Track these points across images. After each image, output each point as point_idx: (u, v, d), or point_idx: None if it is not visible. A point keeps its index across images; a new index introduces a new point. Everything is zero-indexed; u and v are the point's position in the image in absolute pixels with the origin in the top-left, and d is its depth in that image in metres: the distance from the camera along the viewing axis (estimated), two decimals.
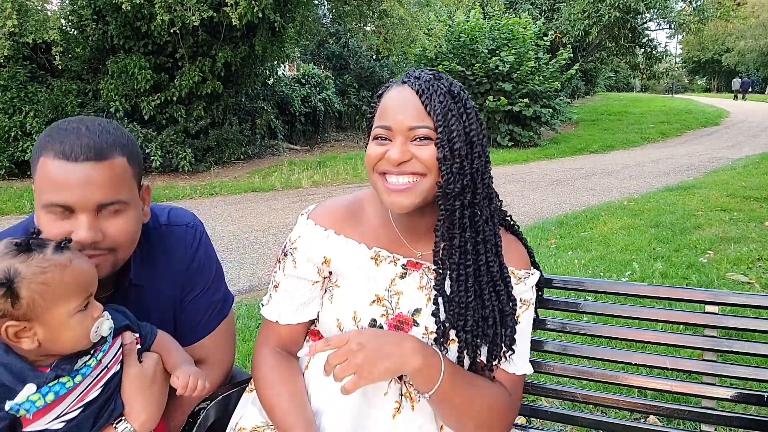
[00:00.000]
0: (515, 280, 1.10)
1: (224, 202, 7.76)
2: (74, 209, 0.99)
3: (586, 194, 7.81)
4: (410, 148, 0.99)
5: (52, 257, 0.93)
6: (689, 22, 19.85)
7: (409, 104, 1.00)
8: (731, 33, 42.00)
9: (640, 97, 30.57)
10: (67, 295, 0.93)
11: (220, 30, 9.51)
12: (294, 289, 1.13)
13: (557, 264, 4.42)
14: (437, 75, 1.04)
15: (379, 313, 1.07)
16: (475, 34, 13.24)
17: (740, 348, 1.32)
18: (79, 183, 0.98)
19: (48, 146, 1.00)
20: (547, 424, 1.75)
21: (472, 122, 1.01)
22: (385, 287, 1.08)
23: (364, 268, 1.09)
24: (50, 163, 0.98)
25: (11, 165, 9.19)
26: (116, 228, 1.03)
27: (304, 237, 1.12)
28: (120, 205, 1.03)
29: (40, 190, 1.00)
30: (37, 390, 0.94)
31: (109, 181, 1.00)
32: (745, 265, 4.18)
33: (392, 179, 1.00)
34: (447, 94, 1.00)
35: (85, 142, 0.99)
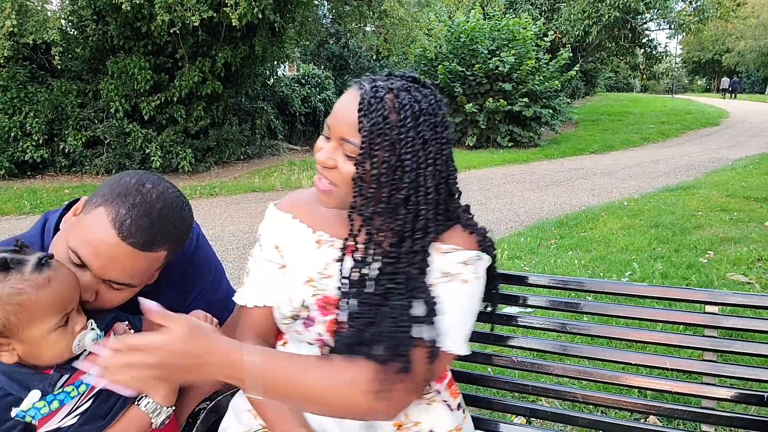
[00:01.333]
0: (439, 254, 1.01)
1: (224, 202, 7.77)
2: (89, 269, 0.99)
3: (586, 194, 7.81)
4: (338, 156, 0.97)
5: (29, 277, 0.91)
6: (689, 22, 19.84)
7: (349, 114, 0.95)
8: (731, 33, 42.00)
9: (640, 98, 30.57)
10: (43, 315, 0.92)
11: (220, 30, 9.51)
12: (261, 273, 1.15)
13: (557, 264, 4.42)
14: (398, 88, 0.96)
15: (310, 293, 1.07)
16: (475, 34, 13.24)
17: (740, 348, 1.32)
18: (110, 257, 0.97)
19: (115, 203, 0.97)
20: (547, 424, 1.75)
21: (410, 151, 0.94)
22: (319, 270, 1.08)
23: (305, 251, 1.11)
24: (103, 223, 0.96)
25: (11, 165, 9.19)
26: (112, 300, 1.04)
27: (267, 222, 1.17)
28: (127, 288, 1.03)
29: (78, 232, 0.99)
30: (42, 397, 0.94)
31: (136, 269, 1.01)
32: (745, 266, 4.19)
33: (318, 176, 1.02)
34: (392, 114, 0.93)
35: (146, 226, 0.97)
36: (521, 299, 1.45)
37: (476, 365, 1.87)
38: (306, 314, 1.07)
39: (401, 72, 1.03)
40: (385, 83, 0.97)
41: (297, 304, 1.07)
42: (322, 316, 1.06)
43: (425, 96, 0.98)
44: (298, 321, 1.08)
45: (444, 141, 0.98)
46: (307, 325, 1.08)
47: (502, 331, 1.44)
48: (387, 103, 0.94)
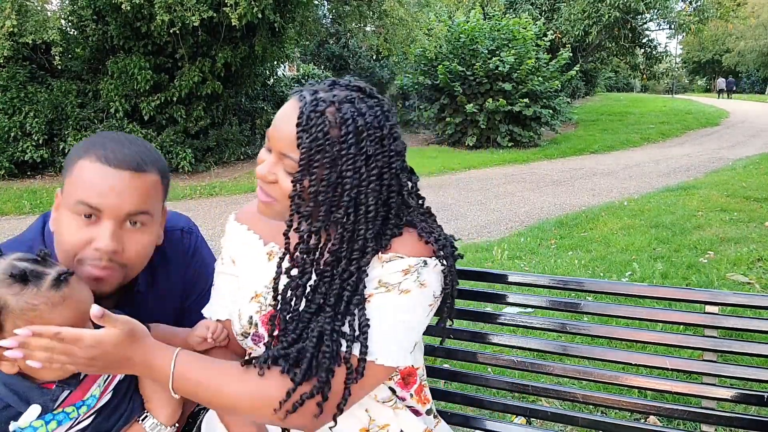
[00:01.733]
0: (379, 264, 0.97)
1: (224, 202, 7.76)
2: (102, 214, 1.00)
3: (586, 194, 7.81)
4: (278, 170, 0.94)
5: (45, 293, 0.89)
6: (689, 22, 19.83)
7: (288, 128, 0.91)
8: (731, 33, 41.99)
9: (640, 98, 30.57)
10: None
11: (219, 30, 9.51)
12: (223, 283, 1.14)
13: (557, 264, 4.42)
14: (345, 100, 0.92)
15: (255, 309, 1.06)
16: (475, 34, 13.24)
17: (740, 348, 1.32)
18: (115, 189, 1.00)
19: (90, 150, 1.02)
20: (547, 424, 1.75)
21: (351, 170, 0.89)
22: (265, 284, 1.06)
23: (258, 265, 1.09)
24: (89, 166, 1.00)
25: (11, 165, 9.19)
26: (136, 243, 1.04)
27: (226, 234, 1.17)
28: (145, 218, 1.05)
29: (72, 190, 1.01)
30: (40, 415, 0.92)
31: (142, 192, 1.03)
32: (745, 266, 4.19)
33: (258, 188, 0.99)
34: (333, 129, 0.89)
35: (127, 152, 1.03)
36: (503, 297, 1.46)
37: (476, 365, 1.87)
38: (254, 331, 1.05)
39: (347, 80, 0.98)
40: (327, 95, 0.92)
41: (245, 322, 1.06)
42: (267, 332, 1.02)
43: (370, 108, 0.92)
44: (248, 338, 1.07)
45: (392, 154, 0.93)
46: (256, 342, 1.06)
47: (502, 332, 1.44)
48: (328, 117, 0.89)
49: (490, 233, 5.71)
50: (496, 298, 1.47)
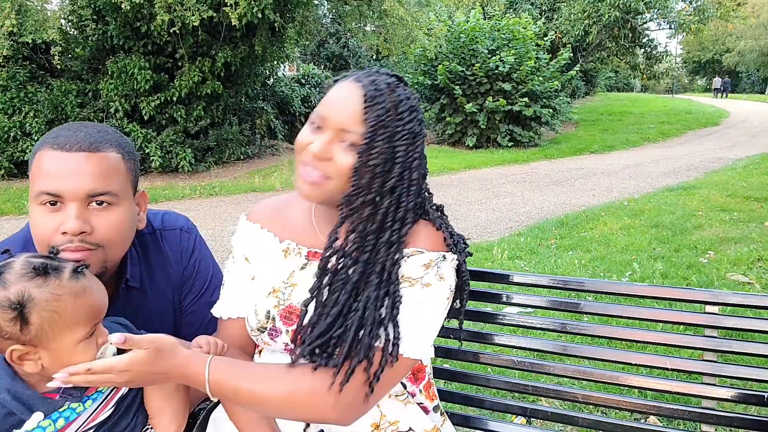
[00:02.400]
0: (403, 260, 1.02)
1: (224, 202, 7.76)
2: (64, 198, 1.00)
3: (586, 194, 7.81)
4: (334, 147, 0.98)
5: (67, 284, 0.91)
6: (689, 22, 19.83)
7: (351, 104, 0.98)
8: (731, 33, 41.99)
9: (640, 97, 30.57)
10: (76, 324, 0.92)
11: (219, 30, 9.51)
12: (235, 282, 1.16)
13: (557, 264, 4.42)
14: (394, 84, 1.01)
15: (273, 304, 1.08)
16: (475, 34, 13.23)
17: (740, 348, 1.32)
18: (71, 171, 1.00)
19: (45, 141, 1.04)
20: (547, 424, 1.75)
21: (404, 144, 0.98)
22: (283, 279, 1.09)
23: (273, 262, 1.11)
24: (45, 155, 1.01)
25: (11, 165, 9.19)
26: (105, 222, 1.03)
27: (238, 234, 1.19)
28: (110, 197, 1.03)
29: (34, 182, 1.02)
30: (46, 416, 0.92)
31: (101, 171, 1.02)
32: (745, 266, 4.19)
33: (305, 169, 1.01)
34: (392, 109, 0.98)
35: (81, 135, 1.03)
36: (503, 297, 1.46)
37: (476, 365, 1.87)
38: (271, 325, 1.07)
39: (385, 70, 1.06)
40: (379, 78, 1.01)
41: (262, 316, 1.08)
42: (285, 326, 1.06)
43: (411, 93, 1.03)
44: (265, 333, 1.08)
45: (424, 136, 1.05)
46: (273, 336, 1.08)
47: (503, 332, 1.44)
48: (387, 96, 0.98)
49: (490, 233, 5.71)
50: (497, 298, 1.46)
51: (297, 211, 1.16)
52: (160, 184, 9.09)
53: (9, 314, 0.87)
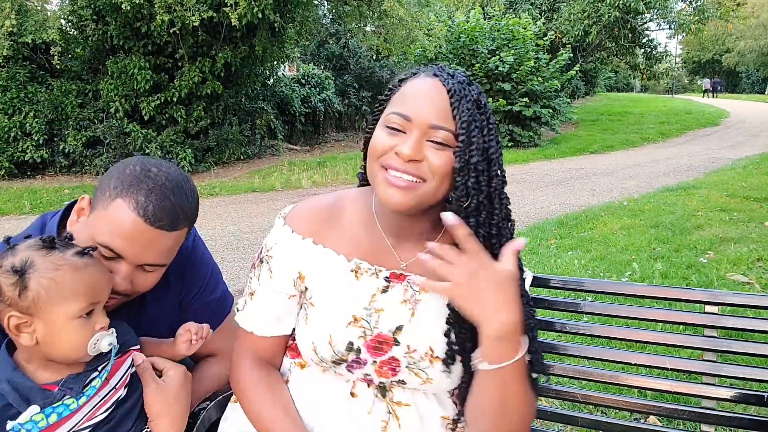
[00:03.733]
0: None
1: (224, 202, 7.76)
2: (122, 259, 1.03)
3: (586, 194, 7.81)
4: (425, 147, 0.91)
5: (69, 258, 0.95)
6: (689, 22, 19.84)
7: (437, 100, 0.91)
8: (731, 33, 42.00)
9: (640, 98, 30.57)
10: (71, 297, 0.94)
11: (220, 30, 9.51)
12: (270, 301, 1.06)
13: (557, 264, 4.42)
14: (469, 80, 0.97)
15: (357, 335, 1.00)
16: (475, 34, 13.24)
17: (740, 348, 1.32)
18: (142, 244, 1.02)
19: (131, 192, 1.00)
20: (547, 424, 1.75)
21: (492, 138, 0.94)
22: (364, 305, 1.00)
23: (342, 284, 1.01)
24: (128, 214, 1.00)
25: (11, 165, 9.19)
26: (145, 282, 1.08)
27: (280, 245, 1.04)
28: (160, 267, 1.08)
29: (104, 228, 1.01)
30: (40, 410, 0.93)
31: (166, 248, 1.06)
32: (745, 266, 4.18)
33: (395, 173, 0.91)
34: (475, 102, 0.93)
35: (167, 207, 1.02)
36: None
37: None
38: (354, 357, 1.00)
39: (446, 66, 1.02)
40: (453, 72, 0.97)
41: (341, 348, 1.00)
42: (374, 357, 1.00)
43: (480, 92, 0.99)
44: (342, 365, 1.01)
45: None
46: (353, 368, 1.01)
47: None
48: (470, 89, 0.94)
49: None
50: None
51: (353, 222, 1.04)
52: None
53: (11, 278, 0.91)
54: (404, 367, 1.01)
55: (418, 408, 1.04)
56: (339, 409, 1.03)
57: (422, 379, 1.01)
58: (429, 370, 1.00)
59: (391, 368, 1.01)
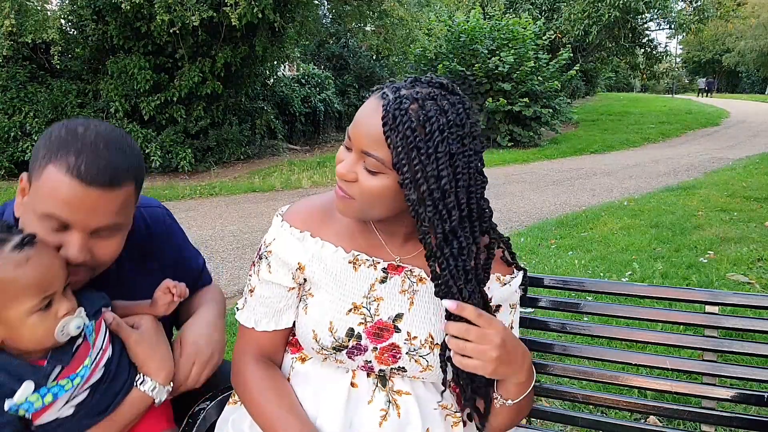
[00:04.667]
0: (498, 284, 1.08)
1: (224, 202, 7.76)
2: (71, 227, 0.97)
3: (586, 194, 7.81)
4: (358, 168, 0.93)
5: (8, 255, 0.89)
6: (689, 22, 19.84)
7: (372, 126, 0.89)
8: (731, 33, 42.02)
9: (640, 98, 30.55)
10: (20, 295, 0.90)
11: (220, 30, 9.51)
12: (269, 295, 1.08)
13: (557, 264, 4.42)
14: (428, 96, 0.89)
15: (357, 321, 1.02)
16: (475, 34, 13.23)
17: (740, 348, 1.32)
18: (85, 207, 0.95)
19: (60, 155, 0.94)
20: (547, 425, 1.75)
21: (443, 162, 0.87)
22: (364, 293, 1.03)
23: (341, 274, 1.04)
24: (60, 178, 0.93)
25: (11, 165, 9.19)
26: (106, 250, 1.02)
27: (278, 240, 1.07)
28: (116, 227, 1.02)
29: (41, 198, 0.96)
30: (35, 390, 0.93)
31: (115, 208, 0.99)
32: (746, 266, 4.18)
33: (339, 186, 0.97)
34: (419, 128, 0.86)
35: (102, 164, 0.95)
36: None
37: None
38: (355, 343, 1.02)
39: (428, 77, 0.96)
40: (409, 92, 0.90)
41: (341, 334, 1.02)
42: (374, 343, 1.02)
43: (453, 105, 0.91)
44: (343, 352, 1.03)
45: (471, 153, 0.91)
46: (353, 355, 1.03)
47: None
48: (412, 115, 0.87)
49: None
50: None
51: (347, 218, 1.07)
52: (160, 184, 9.09)
53: None
54: (405, 354, 1.03)
55: (417, 396, 1.06)
56: (339, 399, 1.05)
57: (422, 366, 1.04)
58: (429, 357, 1.03)
59: (392, 355, 1.03)
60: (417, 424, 1.05)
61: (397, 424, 1.04)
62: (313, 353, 1.07)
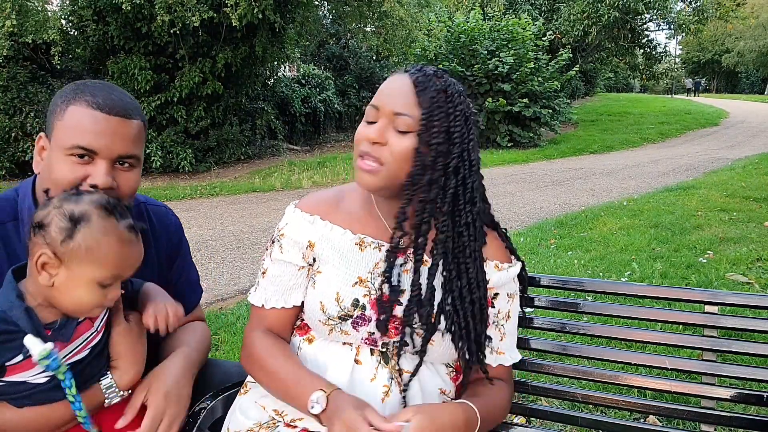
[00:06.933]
0: (496, 270, 1.15)
1: (225, 202, 7.77)
2: (97, 155, 1.08)
3: (586, 194, 7.82)
4: (388, 133, 1.03)
5: (121, 229, 0.99)
6: (689, 22, 19.84)
7: (403, 91, 1.03)
8: (731, 33, 42.00)
9: (640, 98, 30.57)
10: (105, 264, 0.98)
11: (220, 31, 9.52)
12: (280, 273, 1.15)
13: (557, 264, 4.42)
14: (439, 73, 1.07)
15: (362, 293, 1.09)
16: (475, 35, 13.24)
17: (739, 348, 1.32)
18: (109, 133, 1.08)
19: (79, 97, 1.09)
20: (547, 424, 1.75)
21: (458, 124, 1.04)
22: (369, 270, 1.10)
23: (348, 253, 1.11)
24: (83, 111, 1.07)
25: (11, 165, 9.19)
26: (128, 180, 1.13)
27: (291, 224, 1.16)
28: (134, 160, 1.14)
29: (67, 134, 1.07)
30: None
31: (132, 137, 1.12)
32: (745, 266, 4.19)
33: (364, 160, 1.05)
34: (442, 92, 1.03)
35: (116, 99, 1.11)
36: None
37: None
38: (359, 313, 1.08)
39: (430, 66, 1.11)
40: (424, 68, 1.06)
41: (347, 304, 1.08)
42: (378, 315, 1.08)
43: (457, 82, 1.09)
44: (348, 321, 1.08)
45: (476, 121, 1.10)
46: (357, 325, 1.08)
47: None
48: (437, 81, 1.04)
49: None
50: None
51: (355, 204, 1.16)
52: (160, 184, 9.10)
53: (64, 223, 0.95)
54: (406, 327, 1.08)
55: (419, 376, 1.10)
56: (343, 377, 1.09)
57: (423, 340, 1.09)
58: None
59: (394, 327, 1.08)
60: (418, 400, 1.09)
61: (399, 400, 1.08)
62: (319, 326, 1.11)
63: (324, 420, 1.01)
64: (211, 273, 4.56)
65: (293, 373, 1.08)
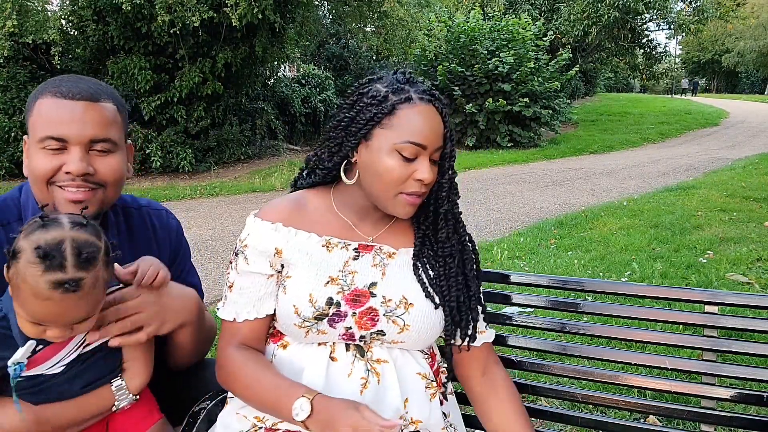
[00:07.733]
0: None
1: (224, 202, 7.77)
2: (68, 143, 1.06)
3: (586, 194, 7.82)
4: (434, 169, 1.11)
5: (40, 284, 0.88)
6: (689, 22, 19.85)
7: (436, 126, 1.09)
8: (731, 33, 42.02)
9: (640, 98, 30.58)
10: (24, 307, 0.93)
11: (220, 31, 9.51)
12: (248, 285, 1.13)
13: (557, 264, 4.42)
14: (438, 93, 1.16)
15: (335, 291, 1.09)
16: (475, 34, 13.24)
17: (739, 348, 1.32)
18: (75, 118, 1.07)
19: (45, 90, 1.09)
20: (547, 424, 1.75)
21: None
22: (339, 269, 1.11)
23: (315, 255, 1.11)
24: (48, 102, 1.07)
25: (11, 165, 9.20)
26: (106, 165, 1.11)
27: (253, 234, 1.13)
28: (109, 145, 1.11)
29: (36, 127, 1.07)
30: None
31: (101, 120, 1.10)
32: (745, 266, 4.19)
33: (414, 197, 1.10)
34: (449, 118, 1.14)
35: (82, 86, 1.10)
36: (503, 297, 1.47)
37: None
38: (335, 311, 1.08)
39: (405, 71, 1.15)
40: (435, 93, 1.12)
41: (321, 303, 1.08)
42: (353, 308, 1.08)
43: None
44: (324, 320, 1.08)
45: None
46: (334, 322, 1.08)
47: (501, 331, 1.44)
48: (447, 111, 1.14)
49: (490, 233, 5.71)
50: (496, 297, 1.47)
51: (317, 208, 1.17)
52: (160, 184, 9.10)
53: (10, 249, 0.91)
54: (382, 316, 1.09)
55: (395, 363, 1.11)
56: (319, 377, 1.08)
57: (400, 327, 1.10)
58: (406, 317, 1.11)
59: (370, 318, 1.09)
60: (395, 389, 1.09)
61: (377, 390, 1.08)
62: (294, 330, 1.10)
63: (313, 425, 0.99)
64: (211, 273, 4.56)
65: (273, 383, 1.06)
